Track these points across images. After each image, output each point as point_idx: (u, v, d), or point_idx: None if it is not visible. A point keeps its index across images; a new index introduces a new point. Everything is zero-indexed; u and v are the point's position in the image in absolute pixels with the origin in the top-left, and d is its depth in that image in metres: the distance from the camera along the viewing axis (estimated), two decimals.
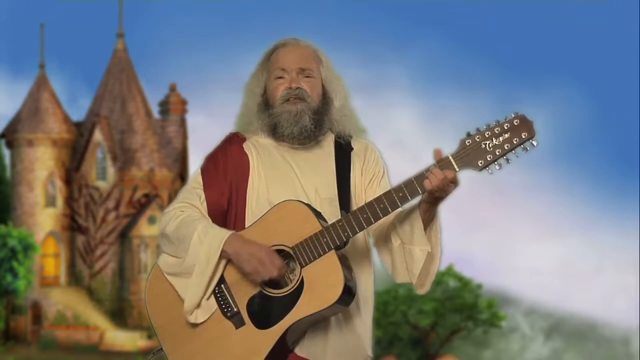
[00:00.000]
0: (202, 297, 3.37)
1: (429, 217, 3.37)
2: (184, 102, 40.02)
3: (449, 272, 37.62)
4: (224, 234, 3.36)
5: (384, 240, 3.48)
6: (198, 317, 3.38)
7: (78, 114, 40.05)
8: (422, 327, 37.62)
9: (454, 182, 3.27)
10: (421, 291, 3.48)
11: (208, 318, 3.37)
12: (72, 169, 38.17)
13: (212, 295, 3.38)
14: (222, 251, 3.35)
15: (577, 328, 48.84)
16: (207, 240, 3.36)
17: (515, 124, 3.23)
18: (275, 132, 3.50)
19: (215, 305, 3.38)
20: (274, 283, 3.35)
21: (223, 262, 3.37)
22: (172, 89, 40.14)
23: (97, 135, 38.15)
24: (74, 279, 37.89)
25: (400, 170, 3.62)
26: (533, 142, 3.24)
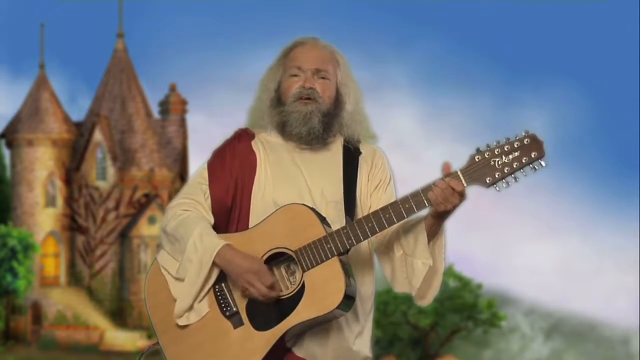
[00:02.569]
0: (194, 301, 3.38)
1: (434, 231, 3.35)
2: (184, 102, 40.00)
3: (449, 272, 37.58)
4: (216, 245, 3.35)
5: (385, 247, 3.46)
6: (190, 318, 3.39)
7: (78, 114, 40.07)
8: (422, 327, 37.61)
9: (461, 195, 3.25)
10: (422, 303, 3.45)
11: (206, 316, 3.38)
12: (72, 169, 38.16)
13: (210, 295, 3.38)
14: (214, 263, 3.35)
15: (577, 328, 48.83)
16: (201, 249, 3.35)
17: (526, 143, 3.22)
18: (283, 130, 3.48)
19: (207, 308, 3.38)
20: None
21: (217, 269, 3.37)
22: (172, 89, 40.13)
23: (97, 135, 38.15)
24: (74, 279, 37.88)
25: (401, 171, 3.61)
26: (542, 162, 3.23)
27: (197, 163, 3.61)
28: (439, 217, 3.31)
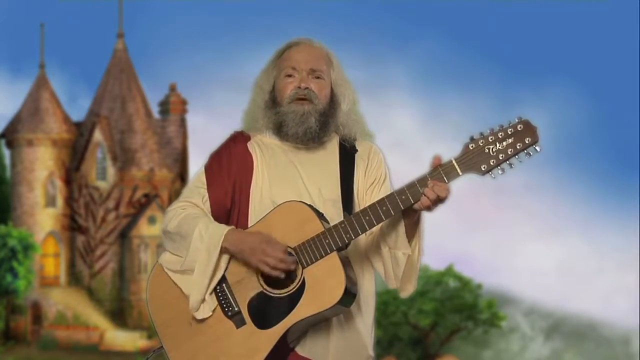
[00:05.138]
0: (206, 293, 3.38)
1: (413, 220, 3.37)
2: (184, 102, 40.02)
3: (449, 272, 37.61)
4: (222, 229, 3.36)
5: (375, 248, 3.48)
6: (205, 312, 3.38)
7: (78, 114, 40.07)
8: (422, 327, 37.62)
9: (448, 191, 3.27)
10: (404, 294, 3.48)
11: (209, 317, 3.38)
12: (72, 169, 38.17)
13: (214, 292, 3.39)
14: (222, 247, 3.35)
15: (577, 328, 48.84)
16: (207, 237, 3.36)
17: (519, 129, 3.23)
18: (280, 130, 3.50)
19: (217, 301, 3.38)
20: (276, 283, 3.35)
21: (225, 257, 3.37)
22: (172, 89, 40.14)
23: (97, 135, 38.15)
24: (74, 279, 37.88)
25: (401, 171, 3.62)
26: (536, 147, 3.24)
27: (197, 163, 3.63)
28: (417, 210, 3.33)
